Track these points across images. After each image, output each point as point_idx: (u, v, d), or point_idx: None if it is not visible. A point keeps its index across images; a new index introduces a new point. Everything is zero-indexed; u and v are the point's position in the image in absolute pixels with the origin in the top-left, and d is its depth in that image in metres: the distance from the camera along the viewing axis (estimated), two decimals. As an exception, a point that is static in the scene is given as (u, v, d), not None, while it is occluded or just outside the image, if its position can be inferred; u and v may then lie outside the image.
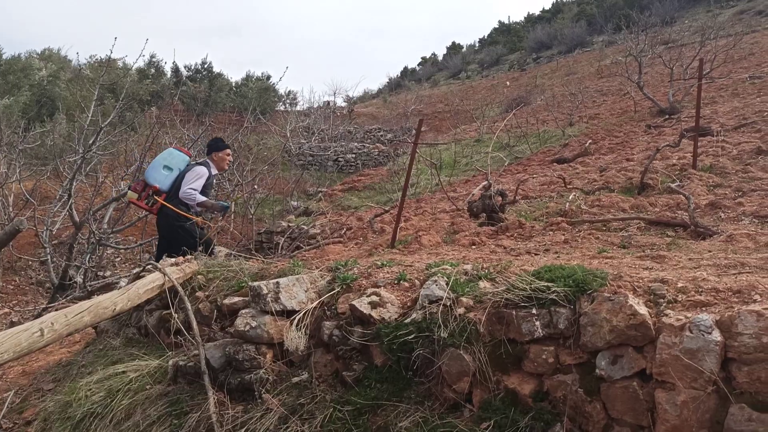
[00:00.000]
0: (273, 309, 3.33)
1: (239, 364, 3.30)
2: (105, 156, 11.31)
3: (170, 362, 3.63)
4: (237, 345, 3.37)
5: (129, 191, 5.69)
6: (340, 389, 3.05)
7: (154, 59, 27.42)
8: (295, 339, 3.16)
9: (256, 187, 11.70)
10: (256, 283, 3.48)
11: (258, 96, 26.07)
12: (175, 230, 5.43)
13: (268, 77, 30.44)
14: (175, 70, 28.04)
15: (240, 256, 4.97)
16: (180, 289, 3.90)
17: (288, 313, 3.36)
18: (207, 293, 4.09)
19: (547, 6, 47.10)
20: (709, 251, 3.73)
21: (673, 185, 5.99)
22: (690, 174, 6.52)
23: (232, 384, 3.27)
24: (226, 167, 6.10)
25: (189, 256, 4.64)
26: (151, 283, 3.89)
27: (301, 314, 3.26)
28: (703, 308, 2.27)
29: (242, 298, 3.74)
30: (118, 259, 11.15)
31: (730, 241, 3.97)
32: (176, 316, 3.86)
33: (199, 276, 4.31)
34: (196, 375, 3.40)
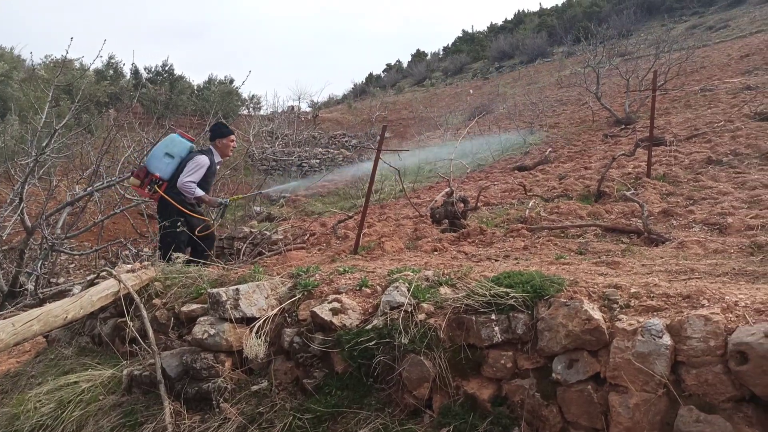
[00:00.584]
0: (232, 316, 3.28)
1: (197, 373, 3.23)
2: (59, 159, 10.93)
3: (125, 372, 3.53)
4: (195, 353, 3.30)
5: (132, 177, 5.54)
6: (300, 397, 3.02)
7: (112, 60, 26.64)
8: (255, 346, 3.12)
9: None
10: (215, 290, 3.42)
11: (221, 99, 25.65)
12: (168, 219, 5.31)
13: (231, 81, 29.95)
14: (135, 71, 27.31)
15: (199, 262, 4.87)
16: (135, 296, 3.80)
17: (248, 321, 3.32)
18: (164, 300, 4.00)
19: (510, 17, 48.10)
20: (662, 257, 3.86)
21: (628, 193, 6.18)
22: (644, 182, 6.74)
23: (189, 393, 3.21)
24: (230, 154, 5.97)
25: (146, 262, 4.53)
26: (105, 290, 3.78)
27: (262, 321, 3.22)
28: (655, 313, 2.34)
29: (201, 306, 3.67)
30: (73, 265, 10.79)
31: (681, 248, 4.11)
32: (131, 324, 3.76)
33: (156, 283, 4.20)
34: (152, 384, 3.32)
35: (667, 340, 2.15)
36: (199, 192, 5.40)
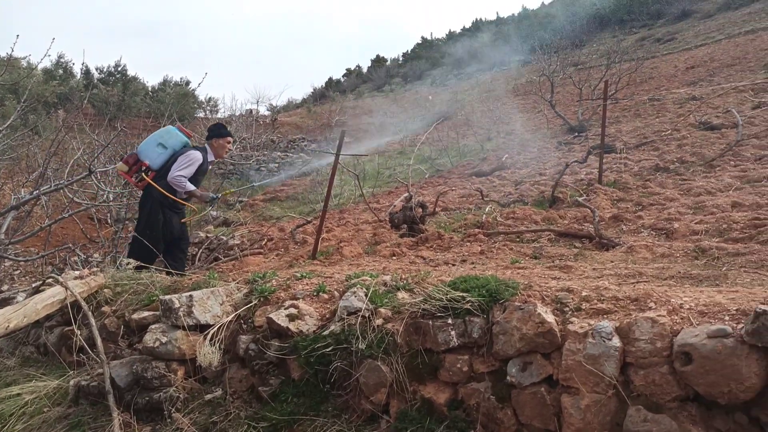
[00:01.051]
0: (186, 323, 3.20)
1: (148, 383, 3.14)
2: (4, 161, 10.50)
3: (71, 382, 3.40)
4: (145, 362, 3.20)
5: (120, 163, 5.36)
6: (255, 405, 2.97)
7: (62, 59, 25.76)
8: (209, 354, 3.05)
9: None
10: (167, 297, 3.33)
11: (176, 101, 25.06)
12: (148, 212, 5.13)
13: (188, 82, 29.35)
14: (86, 71, 26.46)
15: (152, 268, 4.74)
16: (83, 303, 3.66)
17: (202, 328, 3.24)
18: (114, 308, 3.87)
19: (468, 25, 48.93)
20: (612, 261, 3.98)
21: (580, 199, 6.34)
22: (596, 188, 6.94)
23: (139, 404, 3.11)
24: (225, 155, 5.88)
25: (95, 269, 4.37)
26: (50, 297, 3.63)
27: (216, 328, 3.16)
28: (605, 316, 2.40)
29: (152, 313, 3.57)
30: (18, 272, 10.32)
31: (631, 252, 4.24)
32: (79, 332, 3.63)
33: (105, 290, 4.07)
34: (100, 395, 3.20)
35: (616, 342, 2.21)
36: (190, 186, 5.25)
